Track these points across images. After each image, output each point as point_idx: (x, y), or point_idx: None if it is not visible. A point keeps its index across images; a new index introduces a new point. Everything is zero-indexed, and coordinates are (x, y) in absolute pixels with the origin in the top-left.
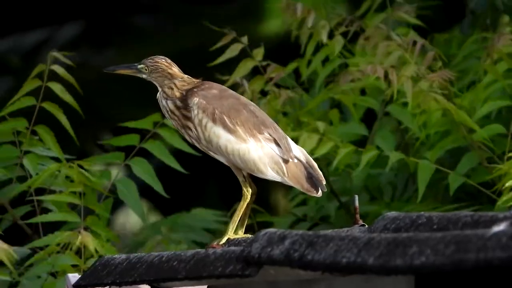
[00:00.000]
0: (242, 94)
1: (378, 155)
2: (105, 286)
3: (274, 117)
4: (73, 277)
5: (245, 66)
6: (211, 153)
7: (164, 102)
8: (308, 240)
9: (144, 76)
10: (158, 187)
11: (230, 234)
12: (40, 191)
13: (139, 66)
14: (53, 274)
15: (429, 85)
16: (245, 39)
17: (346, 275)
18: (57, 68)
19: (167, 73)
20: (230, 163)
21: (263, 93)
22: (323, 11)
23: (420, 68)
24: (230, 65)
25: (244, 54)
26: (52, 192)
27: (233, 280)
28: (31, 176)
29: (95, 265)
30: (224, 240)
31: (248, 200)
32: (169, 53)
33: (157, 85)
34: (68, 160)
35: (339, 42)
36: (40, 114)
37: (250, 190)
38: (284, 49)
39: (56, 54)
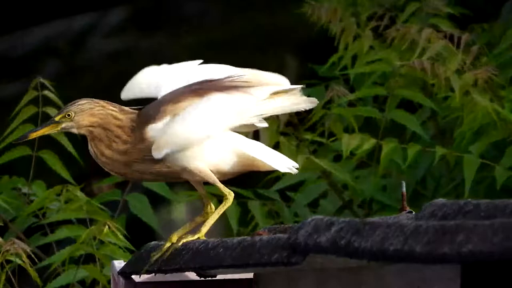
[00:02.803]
0: None
1: (420, 150)
2: (151, 273)
3: (275, 140)
4: (119, 263)
5: None
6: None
7: (100, 150)
8: (355, 228)
9: (63, 126)
10: (153, 223)
11: (201, 235)
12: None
13: (58, 118)
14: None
15: (474, 80)
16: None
17: (393, 263)
18: (49, 94)
19: (98, 109)
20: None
21: None
22: (351, 8)
23: (465, 61)
24: None
25: None
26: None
27: (279, 268)
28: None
29: (141, 252)
30: (195, 237)
31: (229, 203)
32: (216, 40)
33: (82, 131)
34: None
35: (368, 37)
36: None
37: (231, 192)
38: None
39: (43, 80)
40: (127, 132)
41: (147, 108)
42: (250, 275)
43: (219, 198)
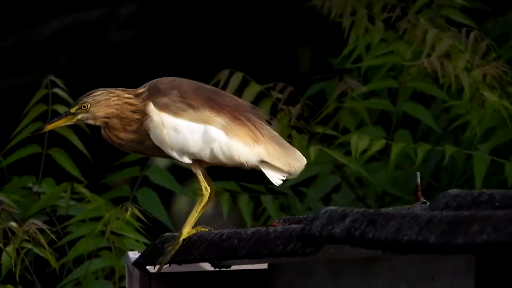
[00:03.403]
0: None
1: (430, 149)
2: (165, 264)
3: (288, 134)
4: (133, 254)
5: (250, 92)
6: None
7: (115, 135)
8: (369, 218)
9: (79, 117)
10: (164, 218)
11: (185, 235)
12: (61, 219)
13: (73, 109)
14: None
15: (482, 76)
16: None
17: (406, 253)
18: (59, 91)
19: (114, 100)
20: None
21: (272, 113)
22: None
23: (473, 58)
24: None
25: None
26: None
27: (293, 259)
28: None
29: (155, 243)
30: (180, 240)
31: (206, 200)
32: (231, 30)
33: (97, 122)
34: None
35: (379, 29)
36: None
37: (209, 188)
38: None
39: (54, 78)
40: (139, 111)
41: (157, 85)
42: (264, 266)
43: (232, 194)
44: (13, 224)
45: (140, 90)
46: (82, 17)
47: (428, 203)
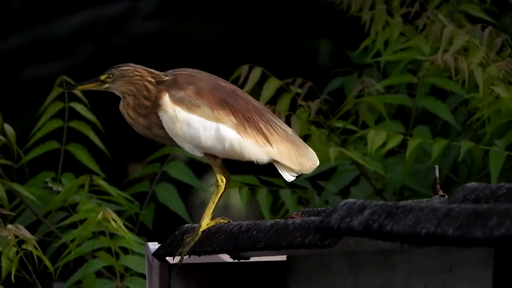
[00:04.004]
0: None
1: (446, 145)
2: (185, 255)
3: (306, 129)
4: (153, 245)
5: (270, 87)
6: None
7: (127, 111)
8: (387, 211)
9: (106, 86)
10: (182, 212)
11: (204, 226)
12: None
13: (103, 77)
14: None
15: (497, 72)
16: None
17: (425, 246)
18: (77, 92)
19: (136, 79)
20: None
21: (292, 109)
22: None
23: (489, 54)
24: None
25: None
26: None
27: (312, 251)
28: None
29: (175, 234)
30: (199, 232)
31: (222, 190)
32: (249, 24)
33: (119, 94)
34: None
35: (398, 24)
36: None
37: (224, 179)
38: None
39: (66, 78)
40: (151, 99)
41: (176, 77)
42: (283, 258)
43: (251, 187)
44: (10, 226)
45: (165, 78)
46: (106, 10)
47: (446, 196)
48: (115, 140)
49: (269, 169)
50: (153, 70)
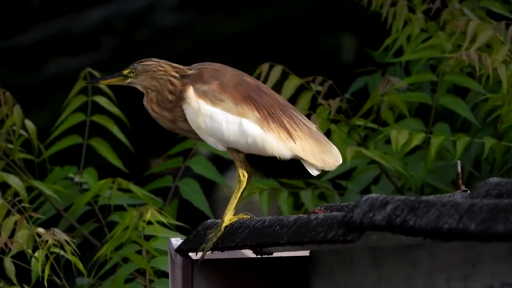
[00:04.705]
0: None
1: (469, 142)
2: (208, 250)
3: (327, 128)
4: (176, 241)
5: (290, 85)
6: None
7: (151, 106)
8: (410, 206)
9: (129, 81)
10: (205, 208)
11: (226, 222)
12: (103, 209)
13: (125, 72)
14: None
15: None
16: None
17: (447, 241)
18: (101, 85)
19: (160, 74)
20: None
21: (312, 107)
22: None
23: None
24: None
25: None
26: (115, 207)
27: (335, 246)
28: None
29: (198, 229)
30: (222, 227)
31: (244, 185)
32: (273, 18)
33: (142, 89)
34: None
35: (419, 20)
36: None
37: (246, 174)
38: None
39: (91, 70)
40: (176, 92)
41: (201, 71)
42: (306, 253)
43: (272, 191)
44: (41, 230)
45: (189, 72)
46: (128, 4)
47: (468, 191)
48: (137, 134)
49: (290, 168)
50: (176, 65)
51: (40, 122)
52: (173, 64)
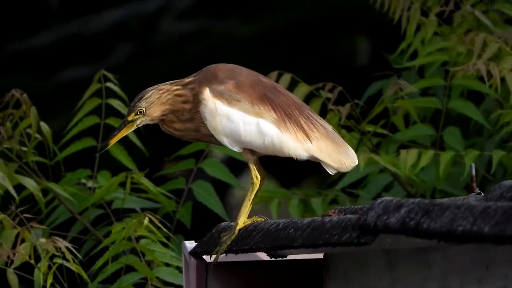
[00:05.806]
0: None
1: (478, 156)
2: (222, 253)
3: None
4: (190, 244)
5: (300, 92)
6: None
7: (173, 127)
8: (424, 209)
9: (138, 122)
10: (219, 210)
11: (240, 225)
12: (117, 212)
13: (130, 117)
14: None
15: None
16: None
17: (461, 243)
18: (112, 86)
19: (165, 96)
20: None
21: (322, 114)
22: None
23: None
24: None
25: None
26: (126, 210)
27: (349, 248)
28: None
29: (212, 232)
30: (236, 230)
31: (257, 187)
32: (287, 24)
33: (156, 121)
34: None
35: (432, 23)
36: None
37: (259, 177)
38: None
39: (105, 73)
40: (191, 101)
41: (216, 72)
42: (320, 256)
43: (282, 199)
44: (42, 240)
45: (187, 80)
46: (141, 8)
47: (482, 194)
48: (151, 138)
49: (299, 179)
50: (171, 81)
51: (54, 128)
52: (168, 81)
